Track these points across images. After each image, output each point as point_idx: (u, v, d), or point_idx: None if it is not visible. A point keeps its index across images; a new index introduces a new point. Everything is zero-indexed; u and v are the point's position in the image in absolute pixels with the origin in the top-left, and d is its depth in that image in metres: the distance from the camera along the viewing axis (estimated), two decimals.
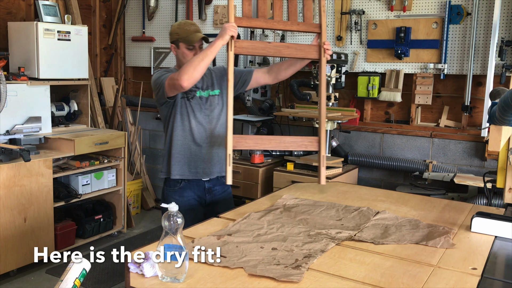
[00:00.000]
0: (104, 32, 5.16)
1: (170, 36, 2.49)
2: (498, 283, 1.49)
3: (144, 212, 5.05)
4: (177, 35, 2.43)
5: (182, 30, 2.42)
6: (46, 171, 3.47)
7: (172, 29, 2.47)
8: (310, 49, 2.29)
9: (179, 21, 2.51)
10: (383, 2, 3.88)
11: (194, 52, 2.42)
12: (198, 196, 2.47)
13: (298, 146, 2.27)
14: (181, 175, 2.45)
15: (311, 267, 1.49)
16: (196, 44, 2.43)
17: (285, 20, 2.37)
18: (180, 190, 2.45)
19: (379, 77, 3.91)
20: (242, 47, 2.26)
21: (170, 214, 1.38)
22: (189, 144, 2.44)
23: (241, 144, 2.20)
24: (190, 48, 2.43)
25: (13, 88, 3.55)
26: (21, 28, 3.87)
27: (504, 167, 1.92)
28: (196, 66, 2.20)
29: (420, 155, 3.88)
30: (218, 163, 2.48)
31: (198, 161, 2.45)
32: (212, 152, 2.46)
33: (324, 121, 2.25)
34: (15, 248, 3.33)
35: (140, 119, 5.14)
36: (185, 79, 2.20)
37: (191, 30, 2.43)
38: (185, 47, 2.42)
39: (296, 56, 2.34)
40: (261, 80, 2.56)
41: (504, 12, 3.47)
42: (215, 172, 2.48)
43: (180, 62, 2.47)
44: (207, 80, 2.51)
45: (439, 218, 2.02)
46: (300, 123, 4.19)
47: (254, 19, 2.35)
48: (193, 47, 2.42)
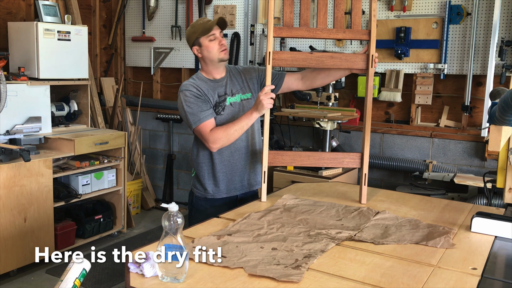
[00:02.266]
0: (104, 32, 5.16)
1: (189, 41, 2.34)
2: (498, 283, 1.48)
3: (144, 212, 5.06)
4: (194, 34, 2.29)
5: (196, 26, 2.30)
6: (46, 171, 3.47)
7: (188, 32, 2.34)
8: (357, 59, 2.15)
9: (191, 24, 2.39)
10: (383, 2, 3.88)
11: (218, 41, 2.28)
12: (229, 206, 2.36)
13: (338, 163, 2.18)
14: (220, 194, 2.38)
15: (311, 267, 1.49)
16: (216, 32, 2.28)
17: (330, 28, 2.19)
18: (212, 200, 2.39)
19: (379, 77, 3.91)
20: (282, 59, 2.14)
21: (170, 214, 1.38)
22: (228, 159, 2.34)
23: (278, 160, 2.15)
24: (212, 39, 2.27)
25: (13, 88, 3.56)
26: (21, 28, 3.87)
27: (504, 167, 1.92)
28: (229, 136, 2.19)
29: (420, 155, 3.88)
30: (254, 176, 2.43)
31: (235, 175, 2.37)
32: (250, 164, 2.39)
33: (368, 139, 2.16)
34: (15, 248, 3.33)
35: (140, 119, 5.14)
36: (216, 147, 2.22)
37: (205, 21, 2.31)
38: (206, 39, 2.27)
39: (341, 67, 2.19)
40: (293, 86, 2.44)
41: (504, 12, 3.47)
42: (251, 185, 2.44)
43: (207, 60, 2.31)
44: (237, 83, 2.39)
45: (439, 218, 2.02)
46: (300, 123, 4.19)
47: (296, 29, 2.16)
48: (214, 36, 2.28)
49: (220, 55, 2.29)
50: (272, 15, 2.11)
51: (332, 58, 2.16)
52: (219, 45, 2.28)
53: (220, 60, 2.30)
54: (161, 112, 5.08)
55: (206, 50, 2.29)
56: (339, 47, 4.09)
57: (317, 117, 3.69)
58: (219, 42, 2.28)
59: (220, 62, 2.32)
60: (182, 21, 4.88)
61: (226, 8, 4.58)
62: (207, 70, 2.35)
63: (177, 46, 4.95)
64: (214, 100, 2.29)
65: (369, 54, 2.13)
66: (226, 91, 2.33)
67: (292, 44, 4.26)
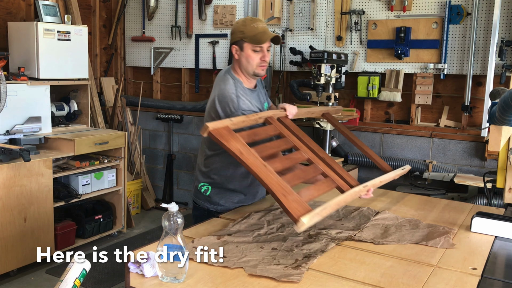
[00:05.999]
0: (104, 32, 5.16)
1: (232, 36, 2.12)
2: (498, 283, 1.48)
3: (144, 212, 5.05)
4: (241, 34, 2.06)
5: (248, 27, 2.06)
6: (46, 171, 3.47)
7: (235, 26, 2.11)
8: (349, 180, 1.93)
9: (244, 18, 2.13)
10: (383, 2, 3.88)
11: (261, 55, 2.08)
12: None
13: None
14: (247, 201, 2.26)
15: (311, 267, 1.49)
16: (264, 46, 2.08)
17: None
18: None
19: (379, 77, 3.91)
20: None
21: (170, 214, 1.38)
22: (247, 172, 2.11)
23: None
24: (257, 50, 2.07)
25: (13, 88, 3.55)
26: (21, 28, 3.87)
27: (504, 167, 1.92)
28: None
29: (420, 155, 3.88)
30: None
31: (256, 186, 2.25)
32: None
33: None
34: (15, 248, 3.33)
35: (140, 119, 5.14)
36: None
37: (259, 27, 2.07)
38: (251, 48, 2.07)
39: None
40: None
41: (504, 12, 3.47)
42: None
43: (242, 67, 2.13)
44: (262, 91, 2.25)
45: (439, 218, 2.02)
46: (300, 123, 4.19)
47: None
48: (260, 48, 2.07)
49: (258, 69, 2.12)
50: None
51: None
52: (260, 59, 2.10)
53: (254, 75, 2.15)
54: (161, 112, 5.08)
55: (245, 58, 2.10)
56: (339, 47, 4.09)
57: (317, 117, 3.68)
58: (262, 57, 2.10)
59: (254, 76, 2.16)
60: (182, 21, 4.88)
61: (226, 8, 4.59)
62: (240, 75, 2.17)
63: (177, 46, 4.95)
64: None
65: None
66: (263, 105, 2.21)
67: (292, 44, 4.26)
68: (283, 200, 1.50)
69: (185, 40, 4.89)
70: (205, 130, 1.67)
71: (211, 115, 2.12)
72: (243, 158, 1.61)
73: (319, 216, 1.51)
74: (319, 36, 4.18)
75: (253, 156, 1.64)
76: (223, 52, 4.70)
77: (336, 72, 3.80)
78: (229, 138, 1.67)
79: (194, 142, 5.00)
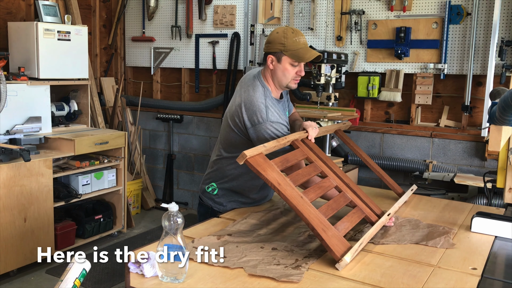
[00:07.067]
0: (104, 32, 5.16)
1: (269, 45, 2.04)
2: (498, 283, 1.49)
3: (144, 212, 5.05)
4: (282, 46, 2.00)
5: (290, 41, 1.99)
6: (46, 171, 3.47)
7: (274, 36, 2.03)
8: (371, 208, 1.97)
9: (283, 28, 2.04)
10: (383, 2, 3.88)
11: (297, 69, 2.04)
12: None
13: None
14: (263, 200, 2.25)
15: (311, 267, 1.49)
16: (302, 62, 2.04)
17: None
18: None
19: (379, 77, 3.91)
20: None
21: (170, 214, 1.38)
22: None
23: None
24: (295, 65, 2.03)
25: (13, 88, 3.55)
26: (21, 28, 3.87)
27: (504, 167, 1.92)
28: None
29: (420, 155, 3.88)
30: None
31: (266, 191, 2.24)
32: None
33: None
34: (15, 248, 3.33)
35: (140, 119, 5.14)
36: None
37: (301, 42, 2.02)
38: (289, 62, 2.02)
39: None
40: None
41: (504, 12, 3.47)
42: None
43: (274, 77, 2.07)
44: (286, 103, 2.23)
45: (439, 218, 2.02)
46: None
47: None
48: (298, 63, 2.03)
49: (291, 83, 2.08)
50: None
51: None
52: (296, 74, 2.06)
53: (286, 87, 2.11)
54: (161, 112, 5.08)
55: (280, 70, 2.04)
56: (339, 47, 4.09)
57: (317, 117, 3.68)
58: (298, 71, 2.05)
59: (285, 88, 2.13)
60: (182, 21, 4.88)
61: (226, 8, 4.59)
62: (270, 83, 2.10)
63: (177, 46, 4.95)
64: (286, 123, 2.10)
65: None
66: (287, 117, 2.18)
67: None
68: (324, 236, 1.52)
69: (185, 40, 4.89)
70: (242, 158, 1.64)
71: (234, 120, 2.04)
72: (281, 189, 1.63)
73: (357, 252, 1.58)
74: (319, 36, 4.18)
75: (290, 187, 1.65)
76: (223, 52, 4.70)
77: (336, 72, 3.80)
78: (265, 167, 1.67)
79: (194, 142, 5.00)
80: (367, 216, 1.87)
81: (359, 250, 1.59)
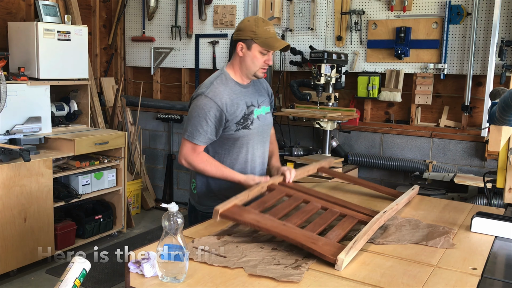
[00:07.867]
0: (104, 32, 5.16)
1: (240, 32, 2.08)
2: (498, 283, 1.48)
3: (144, 212, 5.06)
4: (253, 34, 2.04)
5: (261, 29, 2.04)
6: (46, 171, 3.47)
7: (246, 24, 2.07)
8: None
9: (254, 17, 2.10)
10: (383, 2, 3.88)
11: (266, 58, 2.08)
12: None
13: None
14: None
15: (311, 267, 1.49)
16: (272, 50, 2.08)
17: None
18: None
19: (379, 77, 3.91)
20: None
21: (170, 214, 1.38)
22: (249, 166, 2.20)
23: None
24: (264, 53, 2.07)
25: (13, 88, 3.56)
26: (21, 28, 3.87)
27: (504, 167, 1.92)
28: (203, 171, 2.13)
29: (420, 155, 3.88)
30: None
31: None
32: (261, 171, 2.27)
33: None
34: (15, 248, 3.33)
35: (140, 119, 5.14)
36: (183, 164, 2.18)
37: (271, 32, 2.07)
38: (259, 50, 2.06)
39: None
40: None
41: (504, 12, 3.47)
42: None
43: (243, 65, 2.12)
44: (262, 94, 2.24)
45: (439, 218, 2.02)
46: (300, 123, 4.19)
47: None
48: (267, 52, 2.07)
49: (259, 72, 2.13)
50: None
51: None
52: (264, 62, 2.10)
53: (254, 76, 2.15)
54: (161, 112, 5.08)
55: (250, 58, 2.09)
56: (339, 47, 4.09)
57: (317, 117, 3.69)
58: (266, 60, 2.10)
59: (253, 77, 2.16)
60: (182, 21, 4.89)
61: (226, 8, 4.59)
62: (236, 71, 2.17)
63: (177, 46, 4.95)
64: (242, 111, 2.12)
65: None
66: (253, 102, 2.18)
67: (292, 44, 4.26)
68: (314, 247, 1.51)
69: (185, 40, 4.89)
70: (216, 214, 1.67)
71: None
72: (261, 225, 1.63)
73: (354, 250, 1.54)
74: (319, 36, 4.18)
75: (270, 220, 1.66)
76: (223, 52, 4.70)
77: (336, 72, 3.80)
78: (241, 213, 1.69)
79: None
80: (360, 220, 1.85)
81: (356, 248, 1.57)
